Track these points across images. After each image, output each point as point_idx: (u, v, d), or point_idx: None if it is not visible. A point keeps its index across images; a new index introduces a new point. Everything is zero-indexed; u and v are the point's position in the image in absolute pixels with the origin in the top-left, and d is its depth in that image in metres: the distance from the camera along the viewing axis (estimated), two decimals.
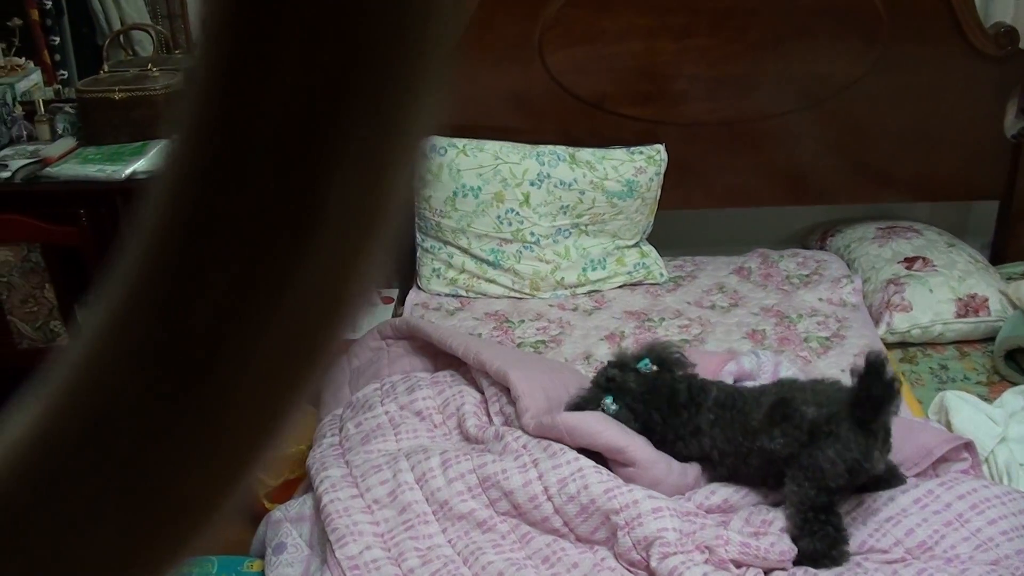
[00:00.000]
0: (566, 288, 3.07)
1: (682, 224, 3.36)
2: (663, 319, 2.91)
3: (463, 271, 3.09)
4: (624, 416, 2.20)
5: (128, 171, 2.83)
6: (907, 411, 2.45)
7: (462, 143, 3.00)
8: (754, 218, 3.46)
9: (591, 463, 2.09)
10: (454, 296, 3.12)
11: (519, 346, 2.81)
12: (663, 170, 3.07)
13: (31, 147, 3.05)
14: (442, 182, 3.00)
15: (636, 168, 3.01)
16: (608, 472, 2.09)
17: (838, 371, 2.62)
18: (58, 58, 3.29)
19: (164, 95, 2.97)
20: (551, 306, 3.02)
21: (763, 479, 2.13)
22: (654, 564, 1.90)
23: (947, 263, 2.95)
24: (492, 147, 3.01)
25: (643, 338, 2.74)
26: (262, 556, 2.22)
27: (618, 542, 1.97)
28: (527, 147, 3.03)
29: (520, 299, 3.09)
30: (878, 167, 3.19)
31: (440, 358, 2.63)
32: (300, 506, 2.26)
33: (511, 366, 2.37)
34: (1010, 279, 2.96)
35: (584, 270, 3.07)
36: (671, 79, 3.07)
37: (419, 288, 3.17)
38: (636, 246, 3.15)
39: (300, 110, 0.29)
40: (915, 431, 2.27)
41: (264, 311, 0.29)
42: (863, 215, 3.38)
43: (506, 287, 3.09)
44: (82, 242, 2.73)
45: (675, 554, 1.90)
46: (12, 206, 2.76)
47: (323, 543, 2.09)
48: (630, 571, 1.96)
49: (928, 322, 2.80)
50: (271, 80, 0.28)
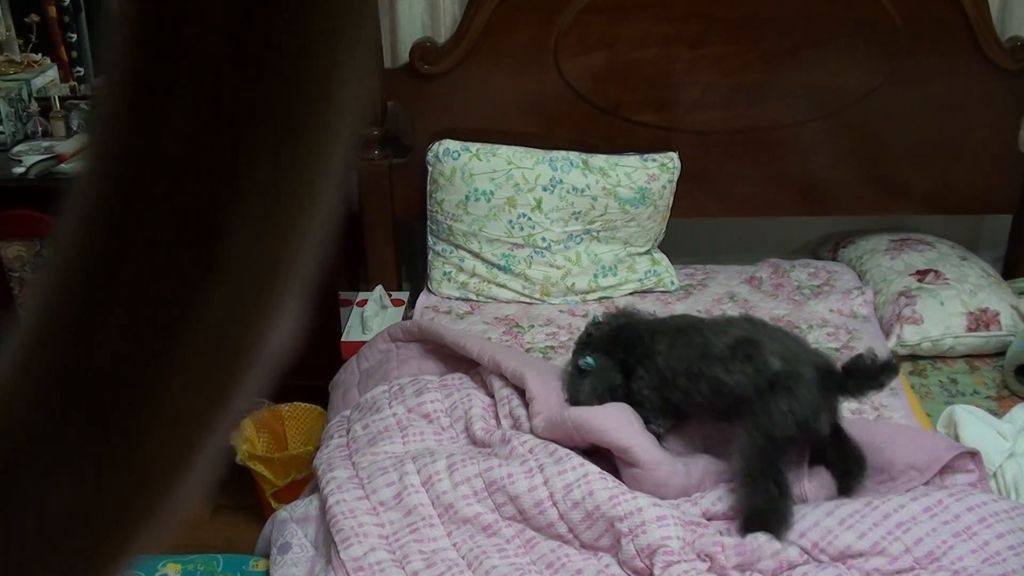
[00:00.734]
0: (576, 294, 3.07)
1: (694, 232, 3.36)
2: None
3: (474, 275, 3.10)
4: (604, 366, 2.29)
5: None
6: (915, 423, 2.45)
7: (475, 147, 3.00)
8: (766, 227, 3.46)
9: (596, 469, 2.09)
10: (464, 300, 3.12)
11: (528, 351, 2.81)
12: (676, 178, 3.07)
13: (46, 143, 3.06)
14: (454, 186, 3.00)
15: (649, 175, 3.01)
16: (614, 479, 2.09)
17: None
18: (75, 55, 3.30)
19: None
20: (561, 312, 3.02)
21: (709, 409, 2.21)
22: (657, 572, 1.90)
23: (959, 276, 2.94)
24: (505, 152, 3.01)
25: None
26: (267, 555, 2.23)
27: (622, 549, 1.97)
28: (540, 152, 3.02)
29: (530, 304, 3.09)
30: (892, 179, 3.18)
31: (449, 361, 2.63)
32: (306, 506, 2.27)
33: (528, 367, 2.38)
34: (1022, 294, 2.96)
35: (595, 276, 3.07)
36: (686, 87, 3.07)
37: (429, 291, 3.17)
38: (648, 253, 3.15)
39: (200, 155, 0.28)
40: (923, 439, 2.28)
41: (166, 353, 0.29)
42: (876, 226, 3.37)
43: (516, 292, 3.09)
44: None
45: (679, 563, 1.90)
46: (26, 202, 2.78)
47: (328, 544, 2.09)
48: None
49: (939, 335, 2.79)
50: (170, 124, 0.28)
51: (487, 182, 2.99)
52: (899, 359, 2.06)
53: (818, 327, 2.88)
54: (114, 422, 0.29)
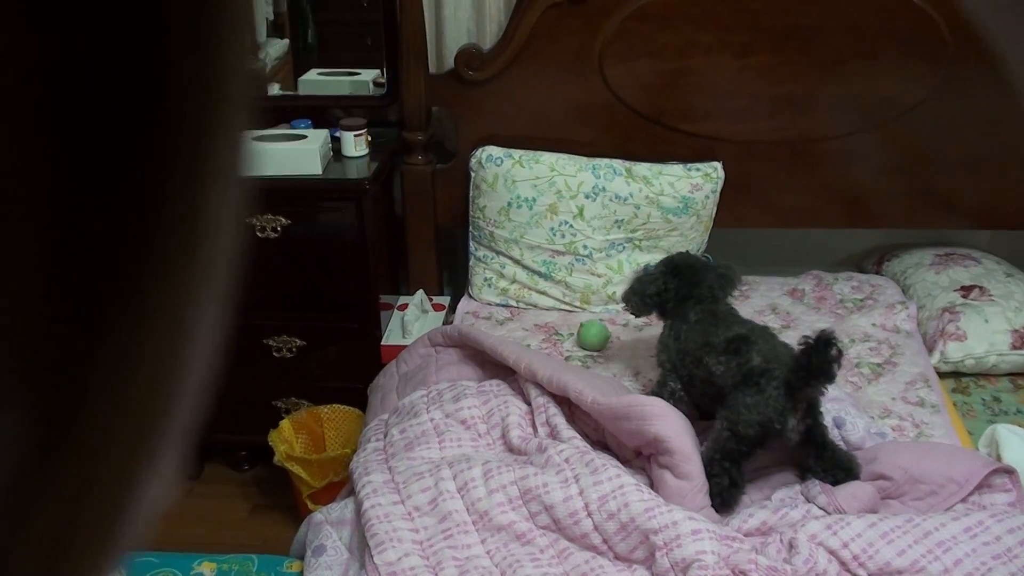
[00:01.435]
0: (617, 303, 3.06)
1: (737, 243, 3.34)
2: None
3: (514, 281, 3.10)
4: (649, 275, 2.50)
5: None
6: (956, 442, 2.43)
7: (518, 154, 3.01)
8: (810, 239, 3.43)
9: (632, 480, 2.09)
10: (504, 306, 3.13)
11: (567, 359, 2.81)
12: (719, 187, 3.05)
13: None
14: (497, 192, 3.00)
15: (692, 185, 3.00)
16: (650, 491, 2.08)
17: (888, 399, 2.60)
18: None
19: None
20: (601, 320, 3.01)
21: (701, 396, 2.36)
22: None
23: (1004, 293, 2.91)
24: (548, 159, 3.01)
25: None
26: (302, 557, 2.24)
27: (656, 563, 1.96)
28: (583, 160, 3.02)
29: (570, 312, 3.09)
30: (938, 192, 3.15)
31: (487, 368, 2.63)
32: (342, 509, 2.28)
33: (564, 371, 2.39)
34: None
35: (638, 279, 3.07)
36: (731, 96, 3.06)
37: (470, 297, 3.18)
38: None
39: (55, 281, 0.24)
40: (959, 455, 2.27)
41: (33, 496, 0.26)
42: (921, 240, 3.34)
43: (557, 299, 3.09)
44: None
45: None
46: None
47: (362, 548, 2.10)
48: None
49: (982, 352, 2.76)
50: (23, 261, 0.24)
51: (529, 189, 2.99)
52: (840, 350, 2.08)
53: (860, 342, 2.86)
54: None
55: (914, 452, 2.23)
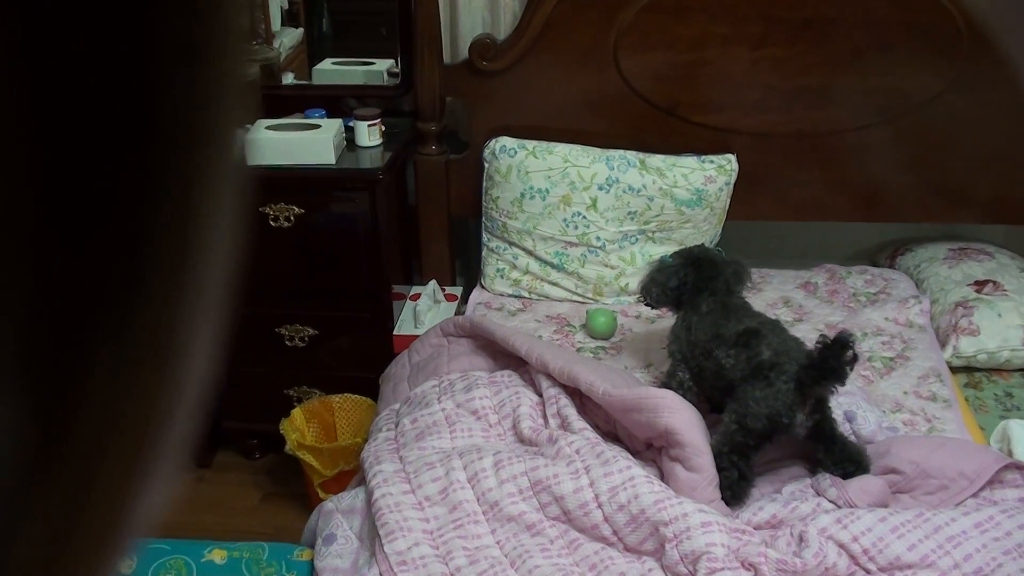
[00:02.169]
0: (630, 295, 3.06)
1: (750, 235, 3.33)
2: None
3: (527, 272, 3.10)
4: (668, 267, 2.48)
5: None
6: (968, 437, 2.42)
7: (532, 145, 3.00)
8: (823, 232, 3.43)
9: (643, 472, 2.09)
10: (517, 297, 3.13)
11: (579, 351, 2.81)
12: (733, 180, 3.05)
13: None
14: (510, 183, 3.00)
15: (706, 177, 2.99)
16: (660, 483, 2.08)
17: (900, 393, 2.60)
18: None
19: None
20: (613, 312, 3.01)
21: (711, 388, 2.36)
22: None
23: (1018, 288, 2.90)
24: (562, 150, 3.00)
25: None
26: (312, 545, 2.24)
27: (666, 554, 1.96)
28: (597, 151, 3.02)
29: (583, 303, 3.08)
30: (953, 186, 3.14)
31: (499, 358, 2.64)
32: (352, 499, 2.28)
33: (575, 363, 2.39)
34: None
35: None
36: (745, 88, 3.05)
37: (483, 287, 3.18)
38: None
39: (39, 321, 0.24)
40: (970, 449, 2.26)
41: (32, 496, 0.26)
42: (935, 234, 3.33)
43: (569, 291, 3.09)
44: None
45: (722, 570, 1.88)
46: None
47: (372, 537, 2.10)
48: None
49: (995, 347, 2.75)
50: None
51: (543, 180, 2.99)
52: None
53: (873, 335, 2.85)
54: None
55: (925, 447, 2.23)
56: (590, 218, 3.00)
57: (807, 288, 3.14)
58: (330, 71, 3.33)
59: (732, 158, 3.04)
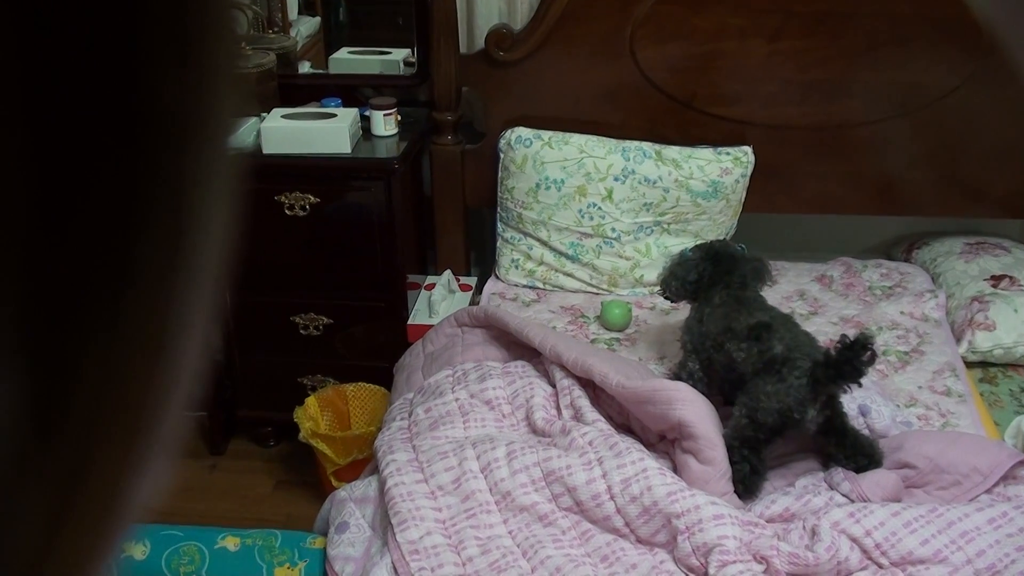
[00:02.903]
0: (644, 286, 3.06)
1: (766, 228, 3.32)
2: None
3: (541, 263, 3.10)
4: (686, 261, 2.49)
5: None
6: (982, 432, 2.42)
7: (547, 135, 3.00)
8: (839, 225, 3.41)
9: (656, 464, 2.09)
10: (531, 288, 3.13)
11: (593, 342, 2.81)
12: (749, 172, 3.04)
13: None
14: (525, 174, 3.00)
15: (722, 169, 2.98)
16: (672, 475, 2.08)
17: (915, 388, 2.59)
18: None
19: (256, 74, 3.01)
20: (628, 303, 3.01)
21: (722, 381, 2.38)
22: (712, 571, 1.89)
23: None
24: (577, 140, 3.00)
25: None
26: (325, 533, 2.25)
27: (678, 546, 1.97)
28: (613, 142, 3.01)
29: (597, 295, 3.08)
30: (970, 181, 3.12)
31: (513, 349, 2.64)
32: (365, 487, 2.29)
33: (590, 355, 2.39)
34: None
35: (665, 265, 3.06)
36: (762, 81, 3.04)
37: (497, 278, 3.18)
38: None
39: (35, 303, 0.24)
40: (984, 445, 2.25)
41: (26, 482, 0.26)
42: (952, 229, 3.31)
43: (584, 282, 3.09)
44: None
45: (734, 563, 1.89)
46: None
47: (385, 525, 2.11)
48: None
49: (1011, 343, 2.73)
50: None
51: (558, 170, 2.98)
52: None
53: (888, 329, 2.84)
54: None
55: (940, 441, 2.22)
56: (605, 209, 3.00)
57: (823, 281, 3.14)
58: (347, 60, 3.33)
59: (748, 150, 3.03)
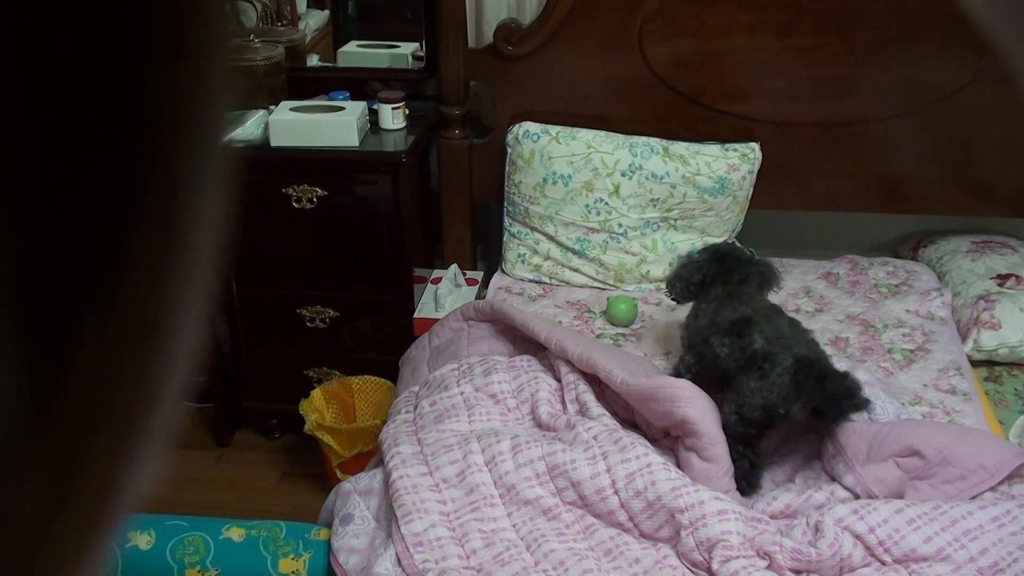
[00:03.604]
0: (651, 282, 3.06)
1: (772, 224, 3.32)
2: None
3: (548, 258, 3.10)
4: (692, 263, 2.50)
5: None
6: (987, 431, 2.41)
7: (555, 130, 3.00)
8: (846, 223, 3.41)
9: (660, 460, 2.09)
10: (537, 282, 3.13)
11: (599, 337, 2.81)
12: (757, 169, 3.04)
13: None
14: (533, 168, 3.00)
15: (729, 165, 2.98)
16: (677, 471, 2.09)
17: (920, 386, 2.59)
18: None
19: (264, 66, 3.01)
20: (634, 299, 3.01)
21: (709, 377, 2.35)
22: (716, 566, 1.89)
23: None
24: (585, 135, 3.00)
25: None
26: (330, 525, 2.25)
27: (681, 541, 1.97)
28: (620, 137, 3.01)
29: (603, 290, 3.08)
30: (977, 179, 3.12)
31: (518, 343, 2.64)
32: (370, 479, 2.30)
33: (595, 351, 2.39)
34: None
35: (670, 265, 3.05)
36: (770, 77, 3.04)
37: (503, 272, 3.18)
38: None
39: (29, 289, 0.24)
40: (992, 442, 2.25)
41: (21, 470, 0.26)
42: (958, 227, 3.31)
43: (590, 277, 3.09)
44: None
45: (737, 558, 1.89)
46: None
47: (389, 518, 2.11)
48: (692, 571, 1.96)
49: (1016, 342, 2.73)
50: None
51: (566, 165, 2.98)
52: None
53: (893, 327, 2.84)
54: None
55: (949, 434, 2.22)
56: (612, 204, 3.00)
57: (829, 279, 3.13)
58: (355, 54, 3.33)
59: (756, 147, 3.03)
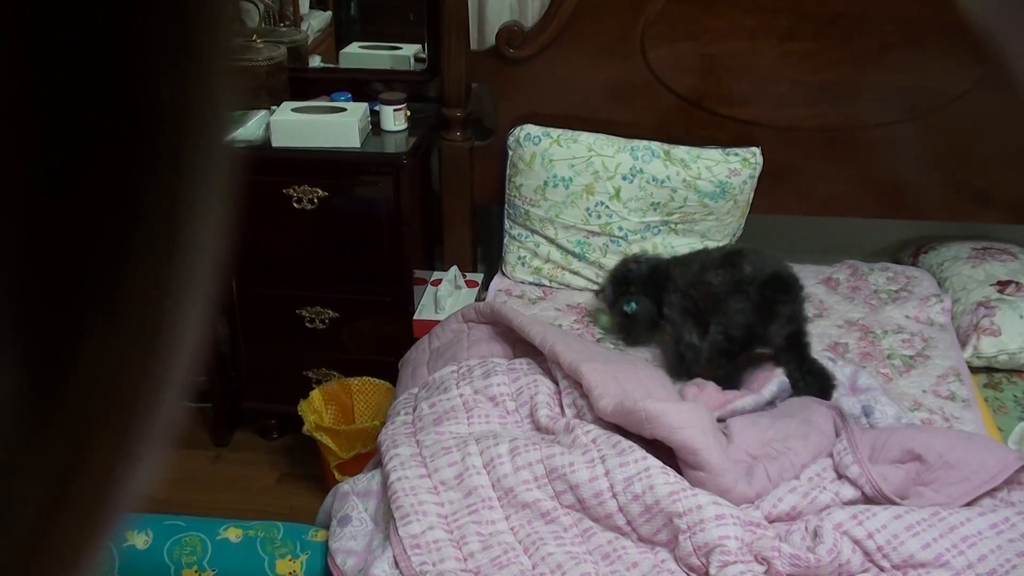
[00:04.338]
0: None
1: (773, 229, 3.32)
2: None
3: (548, 261, 3.10)
4: (644, 306, 2.71)
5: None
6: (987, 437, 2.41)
7: (556, 133, 3.00)
8: (847, 228, 3.41)
9: (658, 463, 2.09)
10: (537, 285, 3.13)
11: (599, 341, 2.81)
12: (758, 173, 3.04)
13: None
14: (534, 171, 3.00)
15: (730, 169, 2.98)
16: (675, 474, 2.08)
17: (919, 392, 2.59)
18: None
19: (266, 67, 3.01)
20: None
21: (703, 312, 2.59)
22: (713, 571, 1.89)
23: None
24: (586, 139, 3.00)
25: None
26: (327, 526, 2.25)
27: (679, 545, 1.97)
28: (622, 141, 3.01)
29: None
30: (978, 186, 3.12)
31: (518, 345, 2.64)
32: (368, 481, 2.29)
33: (584, 360, 2.37)
34: None
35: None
36: (772, 82, 3.04)
37: (504, 275, 3.18)
38: None
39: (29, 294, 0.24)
40: (993, 446, 2.25)
41: (21, 468, 0.26)
42: (959, 233, 3.30)
43: (590, 280, 3.09)
44: None
45: (735, 563, 1.89)
46: None
47: (387, 519, 2.11)
48: (689, 575, 1.95)
49: (1016, 349, 2.73)
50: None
51: (566, 168, 2.98)
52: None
53: (893, 333, 2.84)
54: None
55: (950, 438, 2.22)
56: (613, 208, 3.00)
57: (829, 284, 3.13)
58: (357, 55, 3.33)
59: (757, 151, 3.03)
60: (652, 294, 2.71)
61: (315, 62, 3.33)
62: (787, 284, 2.49)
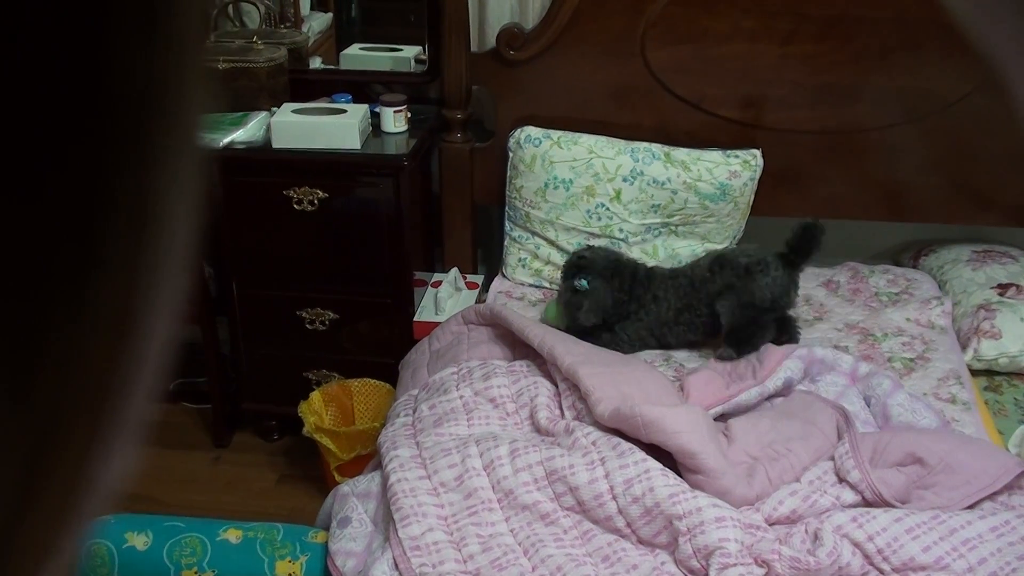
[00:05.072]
0: None
1: (773, 231, 3.30)
2: None
3: (548, 262, 3.10)
4: (598, 287, 2.66)
5: (226, 140, 2.88)
6: (987, 440, 2.41)
7: (556, 135, 3.00)
8: (847, 230, 3.40)
9: (658, 465, 2.08)
10: (538, 287, 3.13)
11: None
12: (758, 175, 3.03)
13: None
14: (534, 173, 3.00)
15: (731, 172, 2.98)
16: (675, 476, 2.08)
17: (919, 394, 2.59)
18: None
19: (267, 68, 3.01)
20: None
21: (710, 326, 2.70)
22: (713, 574, 1.89)
23: None
24: (587, 141, 3.00)
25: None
26: (327, 528, 2.25)
27: (679, 548, 1.97)
28: (622, 143, 3.01)
29: None
30: (979, 188, 3.12)
31: (518, 347, 2.64)
32: (368, 482, 2.29)
33: (582, 363, 2.36)
34: None
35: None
36: (772, 84, 3.04)
37: (504, 276, 3.18)
38: None
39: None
40: (993, 450, 2.25)
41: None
42: (960, 236, 3.30)
43: None
44: None
45: (735, 566, 1.88)
46: None
47: (387, 521, 2.11)
48: None
49: (1017, 352, 2.73)
50: None
51: (567, 170, 2.98)
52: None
53: (893, 335, 2.84)
54: None
55: (951, 442, 2.22)
56: (613, 210, 3.00)
57: (829, 286, 3.13)
58: (358, 56, 3.33)
59: (757, 153, 3.03)
60: (614, 284, 2.69)
61: (316, 64, 3.33)
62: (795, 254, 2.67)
